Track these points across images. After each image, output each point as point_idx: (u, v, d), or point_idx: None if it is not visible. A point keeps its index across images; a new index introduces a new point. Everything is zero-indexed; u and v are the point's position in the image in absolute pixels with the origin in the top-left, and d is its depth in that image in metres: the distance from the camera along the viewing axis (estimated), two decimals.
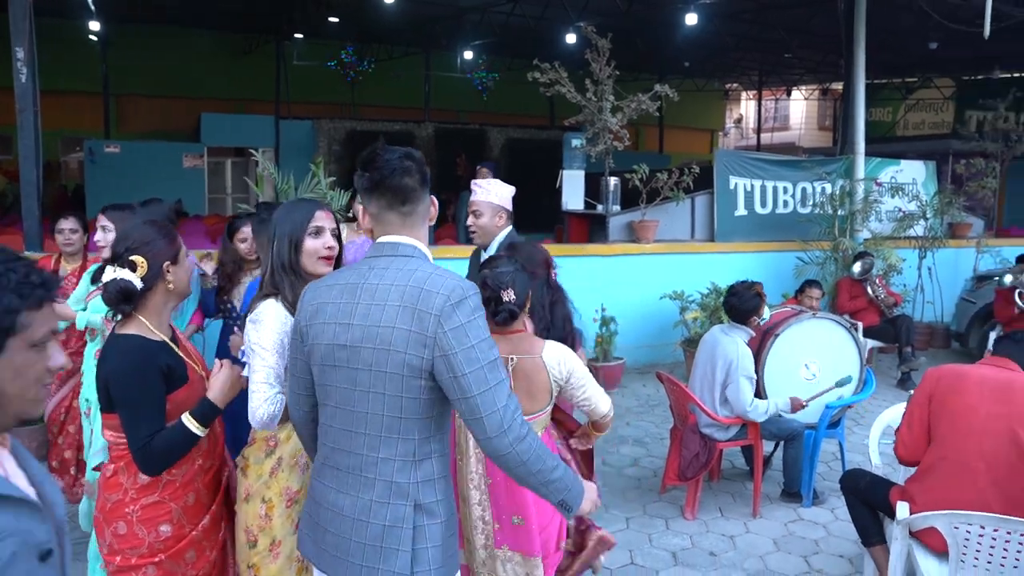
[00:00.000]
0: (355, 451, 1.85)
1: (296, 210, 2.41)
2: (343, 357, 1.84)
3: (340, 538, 1.85)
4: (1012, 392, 2.95)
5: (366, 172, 1.89)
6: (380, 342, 1.78)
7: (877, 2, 9.26)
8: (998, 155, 9.99)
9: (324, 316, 1.88)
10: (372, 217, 1.93)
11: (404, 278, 1.81)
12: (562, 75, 7.28)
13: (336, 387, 1.86)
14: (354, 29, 16.42)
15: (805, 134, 29.30)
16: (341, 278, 1.92)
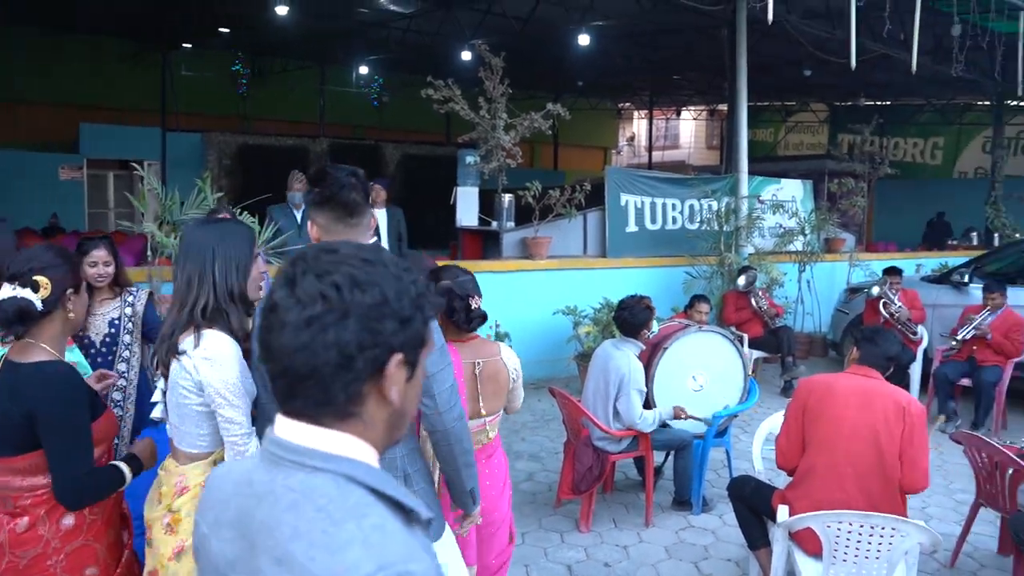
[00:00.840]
0: None
1: (234, 234, 2.24)
2: None
3: None
4: (875, 400, 3.16)
5: (316, 187, 2.09)
6: None
7: (757, 31, 9.76)
8: (866, 175, 10.67)
9: None
10: (320, 228, 2.11)
11: None
12: (456, 92, 7.31)
13: None
14: (246, 41, 16.00)
15: (694, 153, 30.43)
16: None
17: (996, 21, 8.73)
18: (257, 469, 1.03)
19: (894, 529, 2.96)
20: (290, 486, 0.97)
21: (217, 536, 1.05)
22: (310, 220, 2.20)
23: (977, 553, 4.40)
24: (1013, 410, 7.12)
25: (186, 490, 2.15)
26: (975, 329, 6.82)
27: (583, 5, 11.30)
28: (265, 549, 0.95)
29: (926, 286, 8.35)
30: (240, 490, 1.04)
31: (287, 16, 11.88)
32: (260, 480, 1.01)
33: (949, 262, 10.41)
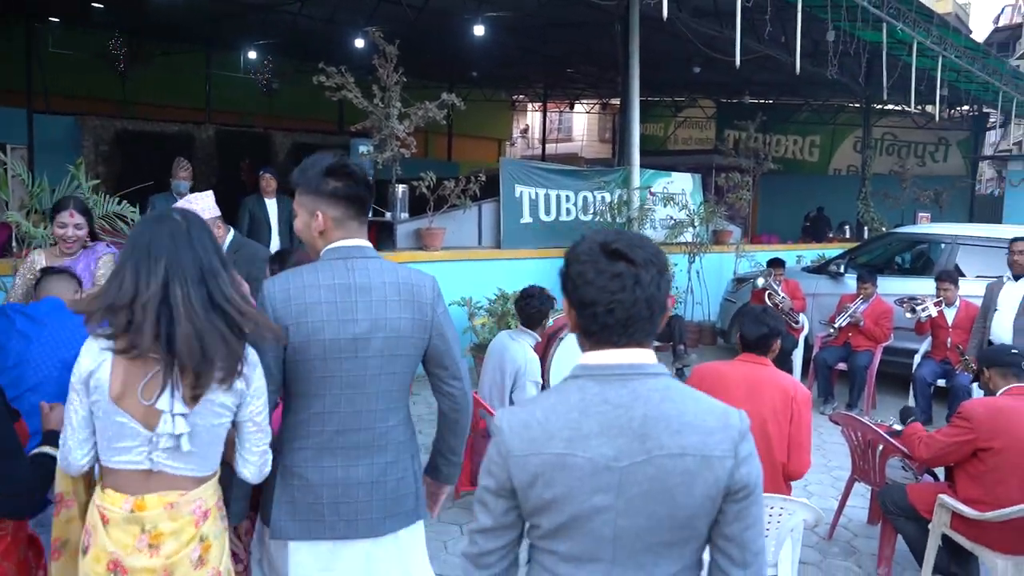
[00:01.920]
0: (365, 426, 2.16)
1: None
2: (351, 348, 2.10)
3: (356, 504, 2.15)
4: (763, 388, 3.28)
5: (339, 182, 2.14)
6: (391, 331, 2.14)
7: (649, 27, 9.97)
8: (751, 170, 11.11)
9: (317, 315, 2.08)
10: (334, 220, 2.16)
11: (391, 276, 2.17)
12: (349, 80, 7.14)
13: (342, 375, 2.11)
14: (123, 19, 15.09)
15: (587, 145, 30.96)
16: (323, 279, 2.12)
17: (863, 30, 9.25)
18: (602, 391, 1.43)
19: (782, 508, 3.09)
20: (653, 387, 1.43)
21: (584, 447, 1.40)
22: (313, 209, 2.17)
23: (851, 524, 4.68)
24: (882, 391, 7.59)
25: (208, 513, 1.98)
26: (850, 317, 7.24)
27: None
28: (658, 431, 1.39)
29: (806, 276, 8.79)
30: (596, 408, 1.42)
31: None
32: (618, 394, 1.42)
33: (826, 254, 10.99)
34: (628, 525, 1.41)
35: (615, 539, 1.42)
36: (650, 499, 1.40)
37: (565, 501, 1.42)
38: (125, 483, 1.91)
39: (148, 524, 1.89)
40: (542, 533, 1.47)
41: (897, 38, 9.33)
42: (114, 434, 1.88)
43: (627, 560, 1.44)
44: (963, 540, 3.54)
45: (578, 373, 1.49)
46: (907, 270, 9.09)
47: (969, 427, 3.48)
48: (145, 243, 1.88)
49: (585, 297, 1.44)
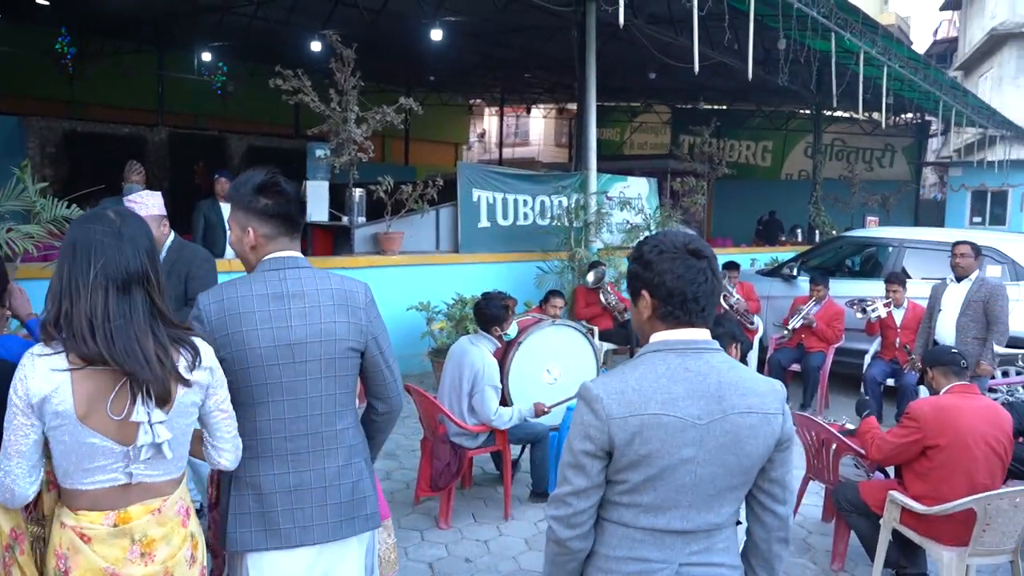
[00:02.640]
0: (312, 431, 2.18)
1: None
2: (288, 354, 2.13)
3: (310, 509, 2.16)
4: None
5: (269, 200, 2.18)
6: (326, 335, 2.17)
7: (606, 33, 10.07)
8: (705, 175, 11.28)
9: (251, 323, 2.11)
10: (265, 237, 2.19)
11: (324, 283, 2.22)
12: (305, 83, 7.08)
13: (281, 382, 2.13)
14: (70, 16, 14.71)
15: (544, 150, 31.12)
16: (256, 289, 2.15)
17: (813, 40, 9.48)
18: (683, 362, 1.74)
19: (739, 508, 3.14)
20: (721, 359, 1.77)
21: (675, 407, 1.69)
22: (245, 225, 2.21)
23: (806, 522, 4.78)
24: (834, 391, 7.77)
25: (190, 511, 1.99)
26: (803, 319, 7.40)
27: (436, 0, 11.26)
28: (730, 394, 1.71)
29: (760, 279, 8.96)
30: (681, 376, 1.72)
31: None
32: (696, 364, 1.74)
33: (780, 257, 11.21)
34: (705, 473, 1.72)
35: (694, 486, 1.72)
36: (725, 450, 1.72)
37: (658, 455, 1.69)
38: (102, 501, 1.83)
39: (138, 534, 1.85)
40: (628, 488, 1.73)
41: (845, 48, 9.58)
42: (85, 456, 1.78)
43: (700, 504, 1.74)
44: (912, 534, 3.65)
45: (659, 347, 1.79)
46: (857, 272, 9.32)
47: (917, 426, 3.59)
48: (80, 245, 1.80)
49: (675, 288, 1.76)
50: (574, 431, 1.76)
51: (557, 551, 1.80)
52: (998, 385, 6.46)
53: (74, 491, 1.83)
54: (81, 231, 1.82)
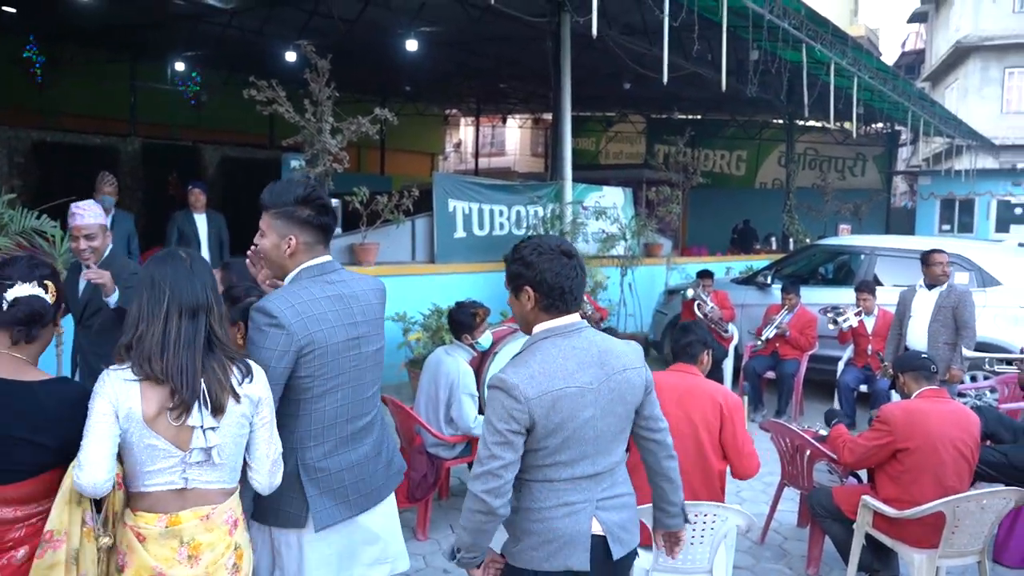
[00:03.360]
0: (365, 413, 2.49)
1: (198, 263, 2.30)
2: (356, 347, 2.41)
3: (365, 476, 2.47)
4: (694, 397, 3.37)
5: (312, 211, 2.37)
6: (376, 329, 2.51)
7: (580, 44, 10.14)
8: (680, 184, 11.37)
9: (326, 323, 2.32)
10: (305, 245, 2.38)
11: (362, 284, 2.50)
12: (280, 94, 7.04)
13: (349, 371, 2.40)
14: (40, 24, 14.53)
15: (520, 160, 31.21)
16: (317, 292, 2.35)
17: (784, 50, 9.62)
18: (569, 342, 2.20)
19: (715, 515, 3.17)
20: (592, 334, 2.24)
21: (573, 380, 2.13)
22: (286, 234, 2.36)
23: (782, 528, 4.82)
24: (809, 397, 7.85)
25: (238, 523, 2.15)
26: (776, 328, 7.47)
27: (411, 10, 11.27)
28: (609, 360, 2.21)
29: (735, 287, 9.04)
30: (570, 353, 2.17)
31: (91, 1, 10.97)
32: (579, 344, 2.19)
33: (754, 265, 11.32)
34: (603, 425, 2.19)
35: (596, 438, 2.19)
36: (613, 403, 2.21)
37: (569, 420, 2.12)
38: (158, 504, 2.02)
39: (186, 536, 2.02)
40: (549, 451, 2.14)
41: (816, 59, 9.73)
42: (147, 458, 1.98)
43: (603, 450, 2.22)
44: (884, 538, 3.70)
45: (547, 334, 2.21)
46: (830, 280, 9.44)
47: (887, 430, 3.64)
48: (158, 279, 2.09)
49: (555, 283, 2.17)
50: (496, 415, 2.09)
51: (485, 519, 2.12)
52: (967, 389, 6.57)
53: (137, 493, 2.03)
54: (159, 269, 2.11)
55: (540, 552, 2.18)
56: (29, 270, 2.06)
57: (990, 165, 21.05)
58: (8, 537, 1.87)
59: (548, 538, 2.17)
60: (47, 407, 1.94)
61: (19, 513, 1.89)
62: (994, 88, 23.67)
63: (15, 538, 1.89)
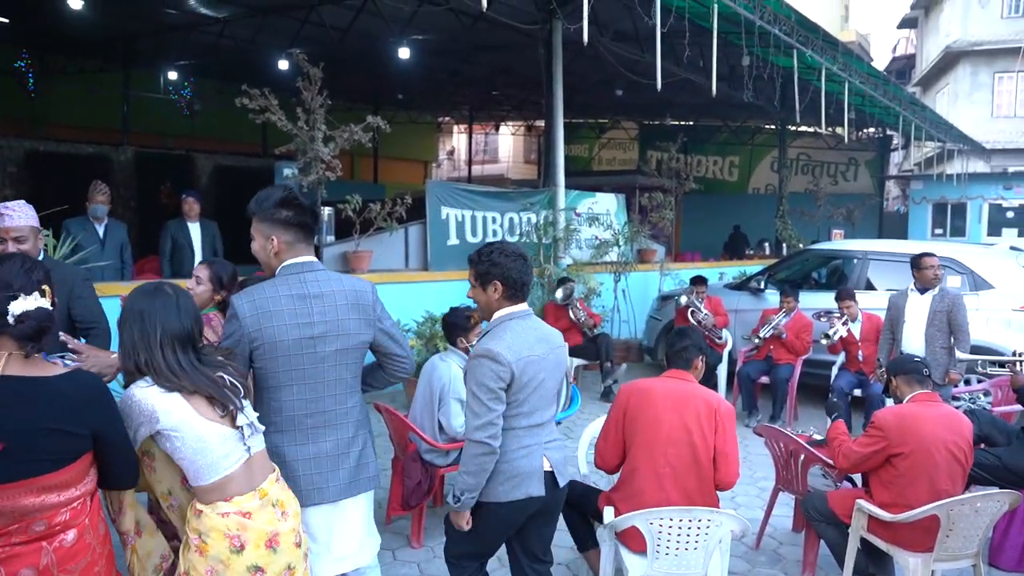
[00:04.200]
0: (327, 409, 2.64)
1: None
2: (311, 346, 2.57)
3: (325, 473, 2.63)
4: (689, 403, 3.38)
5: (290, 211, 2.60)
6: (341, 330, 2.63)
7: (572, 51, 10.18)
8: (673, 190, 11.40)
9: (280, 320, 2.53)
10: (287, 244, 2.62)
11: (338, 285, 2.66)
12: (272, 102, 7.04)
13: (304, 369, 2.57)
14: (33, 34, 14.51)
15: (513, 167, 31.24)
16: (282, 291, 2.57)
17: (776, 56, 9.66)
18: (525, 323, 2.89)
19: (710, 520, 3.17)
20: (536, 320, 2.98)
21: (533, 349, 2.83)
22: (269, 234, 2.61)
23: (777, 533, 4.82)
24: (803, 402, 7.86)
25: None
26: (773, 329, 7.48)
27: (403, 18, 11.29)
28: (550, 337, 2.97)
29: (728, 293, 9.05)
30: (530, 331, 2.89)
31: (83, 11, 10.96)
32: (531, 325, 2.91)
33: (747, 271, 11.33)
34: (550, 386, 2.92)
35: (544, 395, 2.90)
36: (555, 370, 2.94)
37: (531, 380, 2.82)
38: (239, 483, 2.28)
39: (274, 499, 2.35)
40: (515, 404, 2.80)
41: (807, 64, 9.77)
42: (217, 443, 2.23)
43: (546, 405, 2.93)
44: (879, 542, 3.70)
45: (511, 317, 2.88)
46: (823, 285, 9.46)
47: (881, 435, 3.65)
48: (147, 313, 2.26)
49: (517, 278, 2.86)
50: (487, 378, 2.71)
51: (488, 459, 2.74)
52: (961, 393, 6.58)
53: (217, 483, 2.24)
54: (148, 304, 2.28)
55: (507, 486, 2.80)
56: (27, 276, 2.04)
57: (981, 169, 21.13)
58: (56, 521, 1.97)
59: (512, 474, 2.80)
60: (71, 396, 2.01)
61: (62, 498, 1.98)
62: (984, 92, 23.80)
63: (62, 522, 1.98)
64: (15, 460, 1.89)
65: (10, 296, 2.00)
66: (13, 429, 1.90)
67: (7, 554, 1.90)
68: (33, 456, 1.92)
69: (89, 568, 2.04)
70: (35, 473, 1.93)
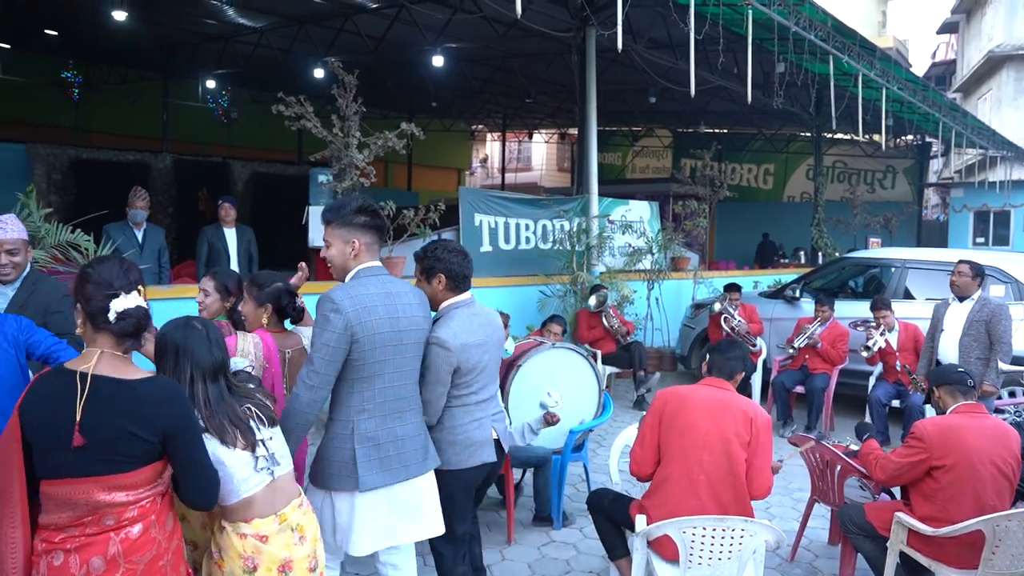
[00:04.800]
0: (405, 396, 2.97)
1: None
2: (397, 338, 2.89)
3: (403, 453, 2.93)
4: (726, 411, 3.33)
5: (368, 216, 2.93)
6: (415, 325, 2.98)
7: (606, 58, 10.15)
8: (707, 198, 11.31)
9: (376, 315, 2.83)
10: (365, 245, 2.93)
11: (405, 287, 3.04)
12: (308, 109, 7.12)
13: (393, 359, 2.89)
14: (78, 46, 14.89)
15: (546, 175, 31.23)
16: (372, 288, 2.88)
17: (811, 63, 9.54)
18: (469, 311, 3.22)
19: (743, 530, 3.12)
20: (480, 306, 3.34)
21: (476, 336, 3.18)
22: (354, 240, 2.90)
23: (812, 545, 4.73)
24: (839, 413, 7.73)
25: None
26: (808, 338, 7.37)
27: (437, 27, 11.37)
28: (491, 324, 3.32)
29: (763, 301, 8.95)
30: (473, 319, 3.20)
31: (126, 23, 11.21)
32: (475, 312, 3.26)
33: (782, 279, 11.19)
34: (492, 365, 3.28)
35: (489, 374, 3.26)
36: (494, 352, 3.27)
37: (478, 362, 3.16)
38: (263, 504, 2.42)
39: (293, 524, 2.48)
40: (466, 384, 3.15)
41: (843, 70, 9.65)
42: (239, 467, 2.38)
43: (491, 382, 3.29)
44: (919, 557, 3.60)
45: (456, 306, 3.19)
46: (860, 294, 9.31)
47: (922, 447, 3.56)
48: (182, 349, 2.40)
49: (460, 271, 3.19)
50: (441, 364, 3.04)
51: None
52: (1005, 405, 6.42)
53: (241, 503, 2.40)
54: (180, 337, 2.42)
55: (464, 455, 3.16)
56: (125, 276, 2.15)
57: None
58: (124, 516, 2.07)
59: (467, 444, 3.17)
60: (146, 403, 2.09)
61: (131, 497, 2.07)
62: None
63: (129, 517, 2.08)
64: (92, 457, 1.99)
65: (111, 295, 2.09)
66: (94, 427, 1.99)
67: (80, 543, 2.01)
68: (108, 456, 2.01)
69: (154, 561, 2.11)
70: (108, 472, 2.02)
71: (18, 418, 2.00)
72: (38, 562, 2.01)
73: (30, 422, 2.00)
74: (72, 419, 1.97)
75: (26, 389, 2.06)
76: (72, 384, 2.00)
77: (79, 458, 1.98)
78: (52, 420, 1.99)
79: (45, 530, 2.03)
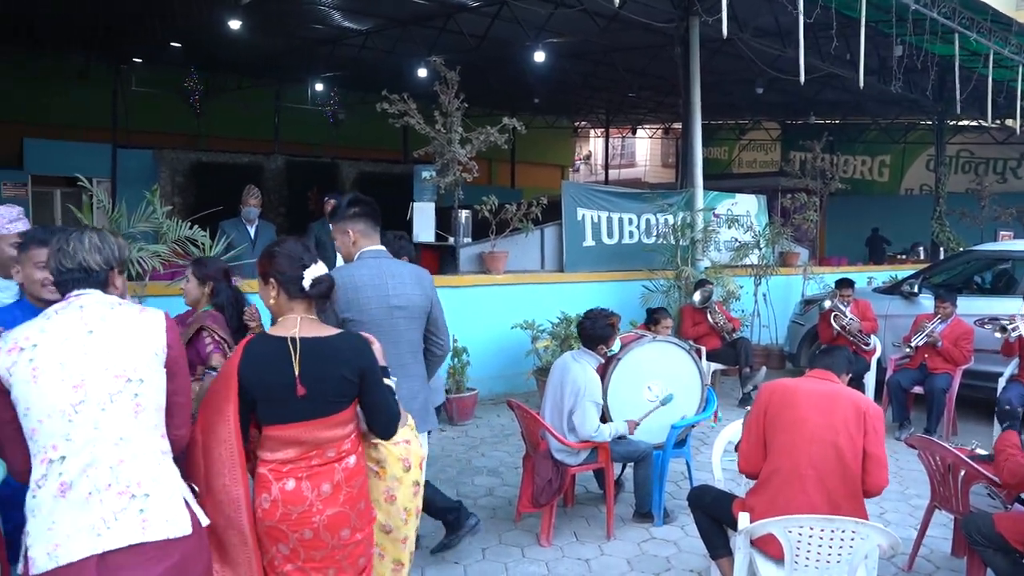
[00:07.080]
0: (401, 364, 3.23)
1: None
2: (388, 313, 3.28)
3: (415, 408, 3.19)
4: (835, 403, 3.17)
5: (357, 208, 3.33)
6: (410, 301, 3.35)
7: (710, 49, 9.90)
8: (818, 191, 10.86)
9: (367, 292, 3.24)
10: (360, 233, 3.34)
11: (404, 267, 3.42)
12: (411, 106, 7.25)
13: (384, 331, 3.12)
14: (199, 56, 15.75)
15: (650, 170, 30.77)
16: (365, 269, 3.28)
17: (933, 44, 8.98)
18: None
19: (854, 532, 2.96)
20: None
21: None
22: (348, 230, 3.32)
23: (932, 556, 4.45)
24: (963, 417, 7.25)
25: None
26: (927, 336, 6.93)
27: (538, 22, 11.38)
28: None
29: (878, 297, 8.50)
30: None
31: (241, 32, 11.75)
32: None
33: (898, 275, 10.64)
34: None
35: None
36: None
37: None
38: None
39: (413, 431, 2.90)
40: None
41: (971, 49, 9.04)
42: None
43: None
44: None
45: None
46: (987, 290, 8.72)
47: None
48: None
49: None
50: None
51: None
52: None
53: None
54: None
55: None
56: (307, 250, 2.53)
57: None
58: (342, 448, 2.46)
59: None
60: (346, 350, 2.48)
61: (343, 431, 2.47)
62: None
63: (346, 449, 2.48)
64: (315, 402, 2.39)
65: (303, 265, 2.48)
66: (314, 376, 2.38)
67: (311, 472, 2.40)
68: (326, 399, 2.41)
69: (364, 485, 2.54)
70: (328, 412, 2.41)
71: (236, 380, 2.36)
72: (269, 487, 2.37)
73: (252, 383, 2.36)
74: (292, 374, 2.36)
75: (238, 356, 2.40)
76: (283, 347, 2.39)
77: (304, 405, 2.37)
78: (274, 378, 2.37)
79: (269, 463, 2.39)
